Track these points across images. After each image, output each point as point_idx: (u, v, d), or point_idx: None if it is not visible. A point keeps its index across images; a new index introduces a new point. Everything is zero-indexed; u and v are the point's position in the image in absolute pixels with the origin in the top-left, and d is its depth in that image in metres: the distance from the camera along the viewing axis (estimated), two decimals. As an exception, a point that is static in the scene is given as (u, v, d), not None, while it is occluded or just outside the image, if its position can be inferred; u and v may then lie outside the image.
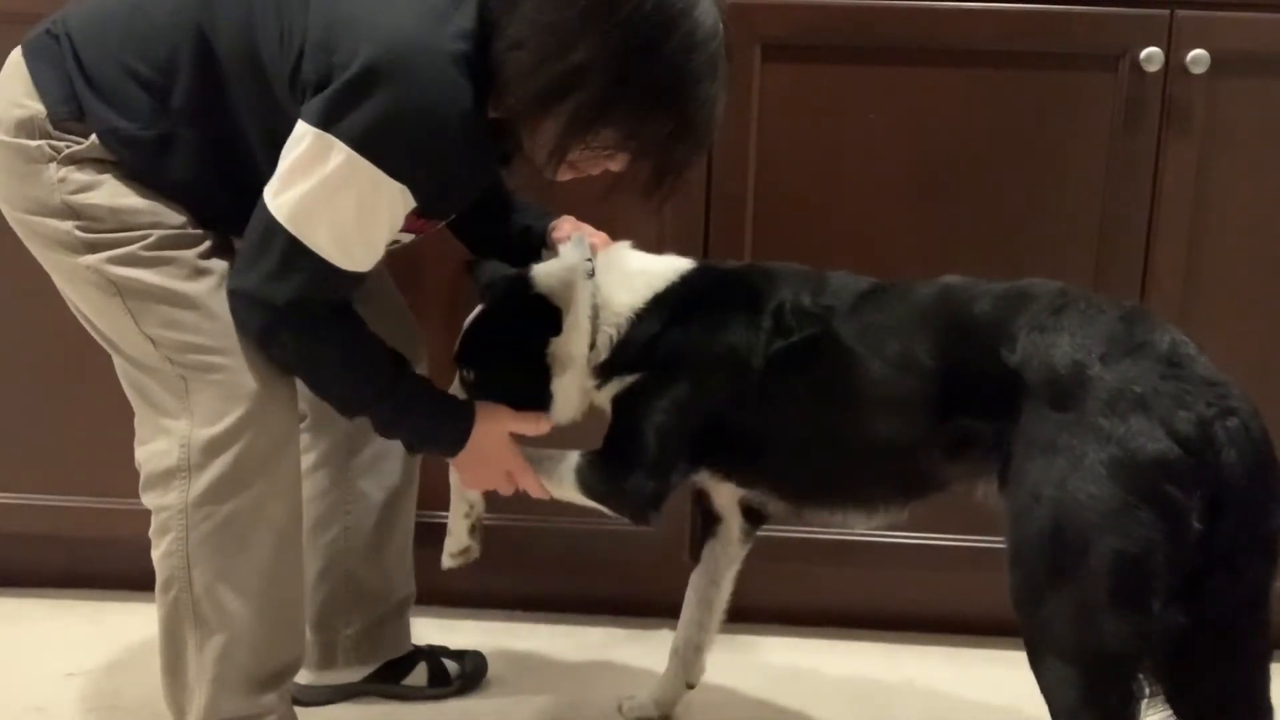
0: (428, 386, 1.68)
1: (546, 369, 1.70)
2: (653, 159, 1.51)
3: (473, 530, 1.80)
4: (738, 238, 2.06)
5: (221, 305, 1.57)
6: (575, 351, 1.69)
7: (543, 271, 1.73)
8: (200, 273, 1.58)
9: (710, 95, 1.47)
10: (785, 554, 2.13)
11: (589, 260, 1.71)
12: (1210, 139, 1.98)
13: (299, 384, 1.64)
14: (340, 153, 1.44)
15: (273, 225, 1.49)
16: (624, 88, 1.44)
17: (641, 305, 1.69)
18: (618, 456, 1.68)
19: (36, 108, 1.56)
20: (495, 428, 1.68)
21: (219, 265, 1.60)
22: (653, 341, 1.67)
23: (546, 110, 1.46)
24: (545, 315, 1.68)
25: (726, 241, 2.06)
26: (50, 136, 1.55)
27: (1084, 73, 1.99)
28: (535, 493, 1.73)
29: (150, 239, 1.56)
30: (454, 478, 1.78)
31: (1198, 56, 1.94)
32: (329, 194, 1.46)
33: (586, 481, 1.68)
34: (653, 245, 1.79)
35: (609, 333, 1.69)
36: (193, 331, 1.57)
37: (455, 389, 1.75)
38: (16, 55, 1.60)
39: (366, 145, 1.44)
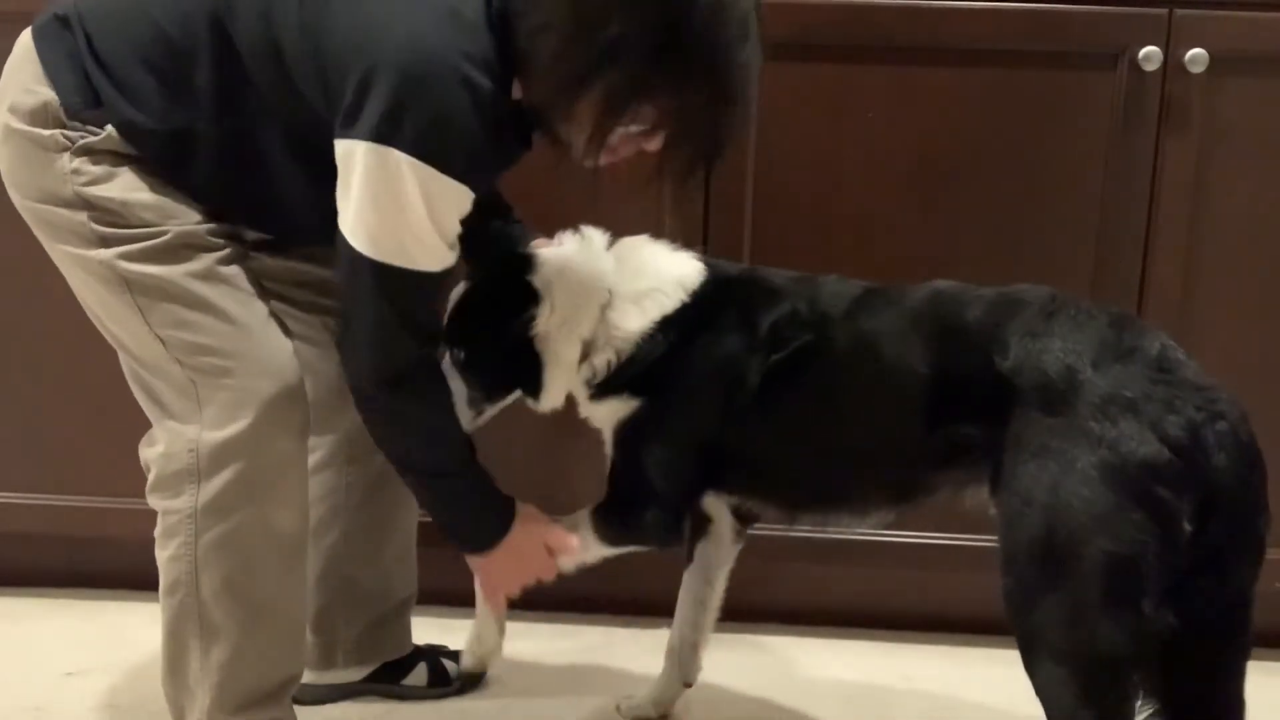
0: (487, 480, 1.68)
1: (538, 358, 1.69)
2: (693, 133, 1.48)
3: (501, 629, 1.83)
4: (736, 238, 2.06)
5: (234, 308, 1.56)
6: (567, 355, 1.68)
7: (551, 266, 1.70)
8: (215, 276, 1.56)
9: (746, 58, 1.44)
10: (785, 554, 2.13)
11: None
12: (1209, 138, 1.98)
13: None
14: (397, 160, 1.42)
15: (363, 262, 1.48)
16: (660, 59, 1.40)
17: (649, 328, 1.67)
18: (629, 499, 1.70)
19: (49, 95, 1.53)
20: (530, 535, 1.70)
21: (234, 272, 1.59)
22: (655, 365, 1.67)
23: (582, 91, 1.43)
24: (527, 305, 1.67)
25: (725, 242, 2.05)
26: (64, 125, 1.53)
27: (1083, 72, 1.99)
28: (551, 577, 1.74)
29: (166, 236, 1.54)
30: (480, 591, 1.79)
31: (1196, 55, 1.94)
32: (401, 207, 1.44)
33: (608, 536, 1.73)
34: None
35: (607, 356, 1.69)
36: (204, 333, 1.55)
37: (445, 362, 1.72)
38: (26, 40, 1.57)
39: (423, 150, 1.42)
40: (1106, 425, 1.39)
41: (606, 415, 1.73)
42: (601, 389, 1.71)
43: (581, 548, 1.73)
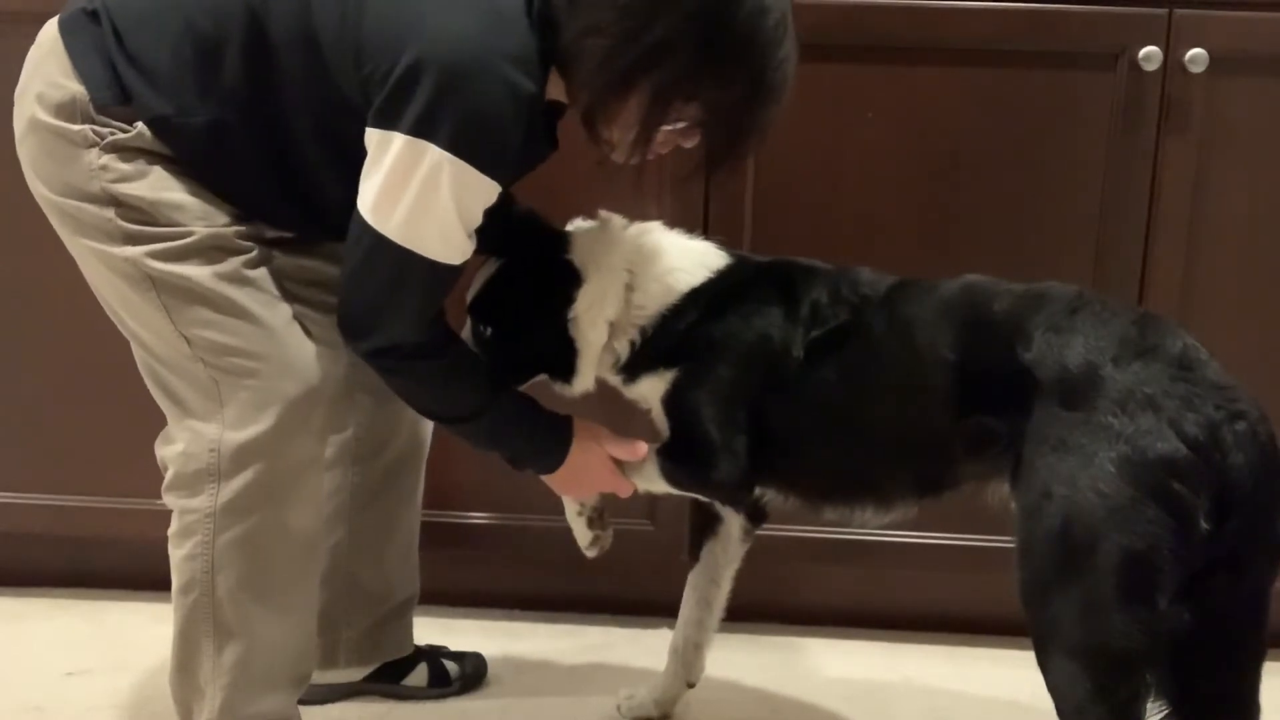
0: (526, 405, 1.69)
1: (571, 341, 1.70)
2: (735, 128, 1.51)
3: (592, 522, 1.82)
4: (736, 237, 2.05)
5: (260, 310, 1.56)
6: (595, 338, 1.70)
7: (583, 243, 1.71)
8: (242, 278, 1.56)
9: (786, 54, 1.48)
10: (786, 554, 2.13)
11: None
12: (1209, 137, 1.99)
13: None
14: (434, 155, 1.44)
15: (381, 244, 1.49)
16: (705, 58, 1.43)
17: (674, 301, 1.69)
18: (694, 452, 1.70)
19: (77, 89, 1.52)
20: (593, 450, 1.70)
21: (261, 274, 1.59)
22: (687, 333, 1.68)
23: (629, 91, 1.45)
24: (569, 285, 1.68)
25: (725, 241, 2.05)
26: (93, 121, 1.52)
27: (1083, 72, 1.99)
28: (626, 495, 1.76)
29: (195, 237, 1.54)
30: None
31: (1196, 55, 1.94)
32: (428, 198, 1.46)
33: (674, 477, 1.73)
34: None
35: (630, 338, 1.70)
36: (231, 334, 1.55)
37: (465, 335, 1.72)
38: (52, 32, 1.56)
39: (459, 146, 1.44)
40: (1125, 421, 1.40)
41: (649, 392, 1.73)
42: (632, 369, 1.72)
43: (645, 479, 1.74)
